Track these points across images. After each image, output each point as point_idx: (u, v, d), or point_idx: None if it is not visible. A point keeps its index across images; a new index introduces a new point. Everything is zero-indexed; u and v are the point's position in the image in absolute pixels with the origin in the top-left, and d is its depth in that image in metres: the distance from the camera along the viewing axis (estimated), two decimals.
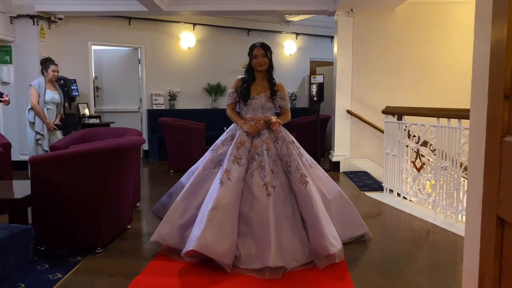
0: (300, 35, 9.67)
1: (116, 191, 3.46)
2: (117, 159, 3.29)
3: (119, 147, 3.22)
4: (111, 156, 3.20)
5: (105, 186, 3.27)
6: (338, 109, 6.75)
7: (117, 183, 3.44)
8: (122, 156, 3.34)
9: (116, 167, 3.34)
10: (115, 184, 3.41)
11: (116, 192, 3.46)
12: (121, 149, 3.25)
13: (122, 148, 3.26)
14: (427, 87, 6.64)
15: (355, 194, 5.32)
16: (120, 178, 3.47)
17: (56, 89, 5.58)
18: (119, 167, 3.37)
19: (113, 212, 3.48)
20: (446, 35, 6.64)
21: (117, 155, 3.26)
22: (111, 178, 3.31)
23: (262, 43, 3.41)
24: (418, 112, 4.61)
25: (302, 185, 3.05)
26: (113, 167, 3.28)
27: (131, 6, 6.68)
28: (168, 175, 6.68)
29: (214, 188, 2.99)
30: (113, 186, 3.39)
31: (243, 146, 3.19)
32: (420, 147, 4.59)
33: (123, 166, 3.43)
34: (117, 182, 3.44)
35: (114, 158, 3.25)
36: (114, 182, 3.37)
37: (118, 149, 3.22)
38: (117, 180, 3.42)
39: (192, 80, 8.60)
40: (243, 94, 3.35)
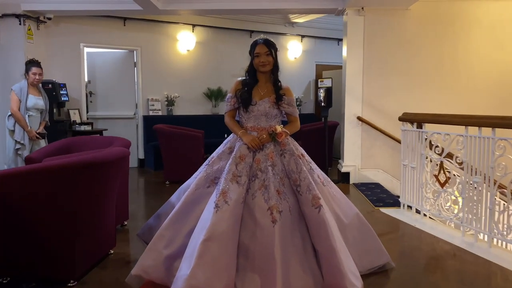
0: (306, 37, 9.17)
1: (94, 212, 2.95)
2: (95, 174, 2.78)
3: (95, 162, 2.71)
4: (87, 171, 2.69)
5: (80, 206, 2.76)
6: (347, 116, 6.23)
7: (95, 202, 2.93)
8: (100, 171, 2.83)
9: (94, 184, 2.83)
10: (93, 203, 2.90)
11: (94, 213, 2.95)
12: (98, 163, 2.74)
13: (99, 163, 2.75)
14: (445, 92, 6.11)
15: (369, 211, 4.79)
16: (99, 196, 2.96)
17: (41, 94, 5.09)
18: (97, 183, 2.86)
19: (91, 236, 2.97)
20: (465, 35, 6.13)
21: (94, 170, 2.75)
22: (87, 196, 2.81)
23: (265, 39, 2.90)
24: (442, 119, 4.08)
25: (315, 209, 2.53)
26: (89, 184, 2.77)
27: (125, 5, 6.21)
28: (163, 186, 6.18)
29: (208, 214, 2.47)
30: (90, 206, 2.88)
31: (243, 161, 2.67)
32: (444, 159, 4.06)
33: (102, 182, 2.92)
34: (96, 201, 2.93)
35: (91, 174, 2.74)
36: (91, 201, 2.87)
37: (94, 164, 2.71)
38: (95, 198, 2.91)
39: (191, 85, 8.10)
40: (243, 99, 2.83)
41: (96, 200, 2.93)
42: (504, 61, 6.11)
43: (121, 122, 7.72)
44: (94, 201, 2.91)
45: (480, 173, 3.59)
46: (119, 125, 7.64)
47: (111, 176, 3.02)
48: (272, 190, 2.57)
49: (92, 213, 2.93)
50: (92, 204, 2.89)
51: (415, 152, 4.43)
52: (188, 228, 2.61)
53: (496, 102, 5.89)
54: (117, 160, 2.92)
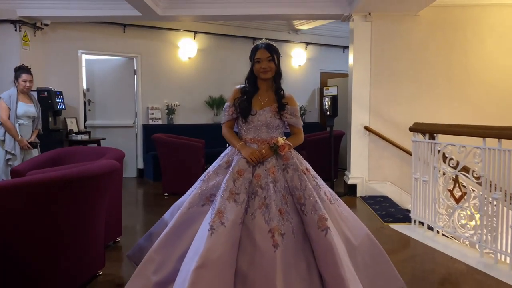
0: (310, 45, 8.95)
1: (79, 230, 2.69)
2: (79, 190, 2.53)
3: (79, 177, 2.46)
4: (70, 187, 2.45)
5: (63, 224, 2.52)
6: (354, 125, 5.97)
7: (80, 219, 2.68)
8: (85, 187, 2.59)
9: (78, 200, 2.58)
10: (78, 220, 2.65)
11: (79, 231, 2.70)
12: (82, 178, 2.49)
13: (84, 177, 2.50)
14: (456, 101, 5.84)
15: (378, 227, 4.51)
16: (85, 213, 2.71)
17: (32, 101, 4.87)
18: (82, 199, 2.61)
19: (76, 257, 2.71)
20: (477, 42, 5.87)
21: (78, 185, 2.50)
22: (71, 213, 2.56)
23: (267, 43, 2.66)
24: (458, 130, 3.80)
25: (321, 232, 2.26)
26: (73, 200, 2.53)
27: (123, 11, 6.00)
28: (162, 199, 5.92)
29: (202, 237, 2.21)
30: (75, 224, 2.63)
31: (242, 176, 2.41)
32: (460, 173, 3.78)
33: (88, 198, 2.67)
34: (81, 218, 2.68)
35: (75, 190, 2.50)
36: (76, 218, 2.62)
37: (78, 179, 2.46)
38: (80, 215, 2.66)
39: (192, 93, 7.87)
40: (242, 108, 2.58)
41: (81, 217, 2.68)
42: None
43: (120, 131, 7.49)
44: (79, 218, 2.66)
45: (500, 189, 3.31)
46: (118, 134, 7.41)
47: (98, 191, 2.77)
48: (274, 210, 2.31)
49: (77, 232, 2.68)
50: (76, 221, 2.64)
51: (427, 165, 4.16)
52: (180, 252, 2.35)
53: (511, 113, 5.60)
54: (104, 174, 2.67)
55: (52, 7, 6.07)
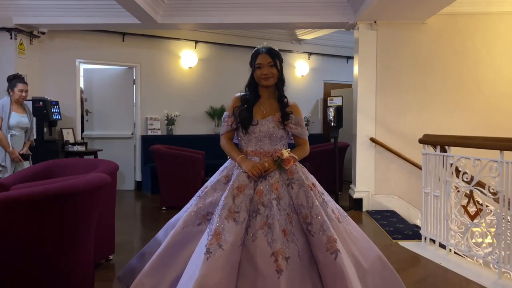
0: (313, 55, 8.79)
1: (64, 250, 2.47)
2: (63, 207, 2.32)
3: (62, 193, 2.25)
4: (52, 204, 2.23)
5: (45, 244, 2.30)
6: (359, 137, 5.75)
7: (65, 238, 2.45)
8: (71, 203, 2.37)
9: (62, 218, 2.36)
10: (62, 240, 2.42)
11: (64, 251, 2.47)
12: (66, 194, 2.28)
13: (68, 193, 2.29)
14: (466, 112, 5.63)
15: (387, 244, 4.27)
16: (71, 231, 2.48)
17: (26, 112, 4.68)
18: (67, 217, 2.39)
19: (61, 279, 2.48)
20: (487, 50, 5.67)
21: (62, 202, 2.29)
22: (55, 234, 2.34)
23: (268, 48, 2.47)
24: (472, 142, 3.58)
25: (331, 255, 2.03)
26: (57, 217, 2.31)
27: (122, 18, 5.84)
28: (159, 212, 5.70)
29: (197, 261, 1.99)
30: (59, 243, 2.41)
31: (242, 193, 2.20)
32: (474, 188, 3.55)
33: (73, 215, 2.45)
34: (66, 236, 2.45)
35: (58, 207, 2.28)
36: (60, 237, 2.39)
37: (61, 195, 2.24)
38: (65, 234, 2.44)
39: (193, 103, 7.68)
40: (242, 118, 2.38)
41: (66, 236, 2.45)
42: None
43: (118, 142, 7.29)
44: (64, 236, 2.43)
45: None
46: (116, 145, 7.21)
47: (85, 208, 2.55)
48: (277, 230, 2.09)
49: (62, 251, 2.45)
50: (61, 240, 2.42)
51: (438, 179, 3.93)
52: (173, 276, 2.13)
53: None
54: (91, 189, 2.46)
55: (49, 15, 5.92)
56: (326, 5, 5.65)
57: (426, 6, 5.11)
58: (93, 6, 5.81)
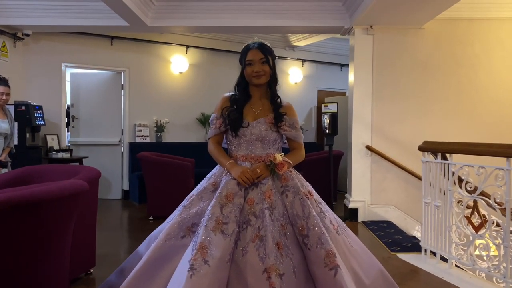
0: (307, 62, 8.64)
1: (35, 264, 2.22)
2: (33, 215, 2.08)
3: (31, 200, 2.01)
4: (19, 212, 2.00)
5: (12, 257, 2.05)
6: (355, 144, 5.56)
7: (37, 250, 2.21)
8: (43, 211, 2.13)
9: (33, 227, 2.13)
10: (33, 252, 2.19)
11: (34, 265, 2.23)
12: (37, 201, 2.04)
13: (38, 201, 2.05)
14: (465, 119, 5.47)
15: (385, 257, 4.05)
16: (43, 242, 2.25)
17: (7, 117, 4.43)
18: (38, 226, 2.16)
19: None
20: (486, 57, 5.53)
21: (32, 209, 2.05)
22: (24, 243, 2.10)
23: (260, 43, 2.27)
24: (476, 149, 3.39)
25: (330, 272, 1.82)
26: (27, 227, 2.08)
27: (110, 20, 5.63)
28: (146, 223, 5.44)
29: (179, 279, 1.76)
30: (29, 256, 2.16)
31: (231, 202, 1.97)
32: (478, 197, 3.36)
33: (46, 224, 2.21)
34: (38, 249, 2.22)
35: (28, 215, 2.05)
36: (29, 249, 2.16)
37: (30, 202, 2.01)
38: (36, 246, 2.20)
39: (183, 109, 7.46)
40: (232, 120, 2.17)
41: (38, 248, 2.21)
42: None
43: (105, 149, 7.04)
44: (35, 248, 2.20)
45: None
46: (103, 153, 6.96)
47: (60, 217, 2.31)
48: (270, 243, 1.87)
49: (32, 265, 2.21)
50: (32, 252, 2.18)
51: (439, 188, 3.74)
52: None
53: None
54: (66, 196, 2.22)
55: (33, 15, 5.69)
56: (321, 9, 5.49)
57: (424, 10, 4.97)
58: (80, 7, 5.60)
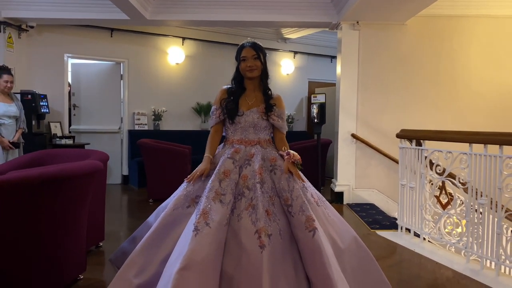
0: (298, 54, 9.00)
1: (58, 232, 2.60)
2: (58, 190, 2.46)
3: (59, 176, 2.39)
4: (48, 187, 2.37)
5: (41, 228, 2.43)
6: (341, 133, 5.97)
7: (60, 222, 2.59)
8: (65, 187, 2.51)
9: (59, 202, 2.50)
10: (57, 224, 2.57)
11: (58, 233, 2.61)
12: (63, 178, 2.42)
13: (65, 177, 2.43)
14: (443, 110, 5.90)
15: (365, 233, 4.49)
16: (66, 215, 2.62)
17: (13, 101, 4.80)
18: (63, 201, 2.54)
19: (54, 259, 2.62)
20: (463, 52, 5.95)
21: (57, 185, 2.43)
22: (50, 216, 2.48)
23: (252, 42, 2.64)
24: (445, 136, 3.82)
25: (309, 233, 2.21)
26: (51, 200, 2.45)
27: (112, 14, 5.95)
28: (146, 205, 5.82)
29: (186, 238, 2.14)
30: (54, 227, 2.54)
31: (228, 177, 2.36)
32: (446, 179, 3.79)
33: (69, 200, 2.59)
34: (61, 221, 2.60)
35: (53, 190, 2.42)
36: (55, 221, 2.53)
37: (56, 179, 2.38)
38: (60, 218, 2.58)
39: (179, 99, 7.82)
40: (229, 109, 2.54)
41: (61, 218, 2.59)
42: (504, 79, 5.92)
43: (105, 136, 7.39)
44: (59, 219, 2.58)
45: (486, 194, 3.31)
46: (103, 140, 7.31)
47: (79, 192, 2.69)
48: (261, 211, 2.26)
49: (56, 233, 2.59)
50: (56, 222, 2.56)
51: (414, 171, 4.16)
52: (163, 254, 2.28)
53: (496, 122, 5.66)
54: (85, 174, 2.60)
55: (38, 9, 6.00)
56: (311, 5, 5.86)
57: (406, 8, 5.34)
58: (83, 1, 5.91)
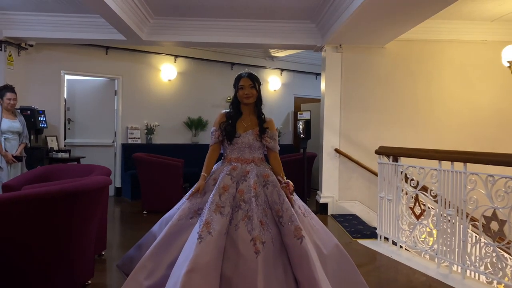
0: (285, 71, 9.43)
1: (73, 242, 2.90)
2: (76, 204, 2.76)
3: (77, 190, 2.70)
4: (68, 200, 2.68)
5: (59, 237, 2.73)
6: (325, 147, 6.37)
7: (75, 232, 2.89)
8: (81, 200, 2.82)
9: (75, 214, 2.81)
10: (72, 233, 2.86)
11: (73, 243, 2.91)
12: (80, 192, 2.73)
13: (81, 191, 2.74)
14: (419, 127, 6.35)
15: (347, 242, 4.86)
16: (79, 226, 2.92)
17: (17, 117, 5.09)
18: (78, 213, 2.84)
19: (69, 267, 2.91)
20: (437, 73, 6.43)
21: (76, 199, 2.74)
22: (67, 226, 2.77)
23: (249, 72, 3.00)
24: (417, 153, 4.23)
25: (297, 241, 2.57)
26: (70, 213, 2.75)
27: (109, 35, 6.28)
28: (141, 216, 6.11)
29: (191, 244, 2.48)
30: (69, 236, 2.84)
31: (227, 191, 2.71)
32: (419, 192, 4.19)
33: (83, 212, 2.89)
34: (76, 231, 2.89)
35: (72, 203, 2.73)
36: (71, 231, 2.83)
37: (76, 193, 2.69)
38: (75, 228, 2.88)
39: (171, 114, 8.16)
40: (227, 132, 2.90)
41: (76, 229, 2.89)
42: (475, 99, 6.41)
43: (99, 150, 7.66)
44: (75, 229, 2.88)
45: (454, 206, 3.72)
46: (97, 153, 7.58)
47: (92, 205, 3.00)
48: (256, 221, 2.61)
49: (71, 242, 2.89)
50: (72, 232, 2.85)
51: (391, 185, 4.56)
52: (169, 259, 2.60)
53: (467, 139, 6.12)
54: (99, 189, 2.92)
55: (38, 29, 6.29)
56: (297, 29, 6.29)
57: (385, 33, 5.80)
58: (81, 22, 6.22)
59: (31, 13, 6.07)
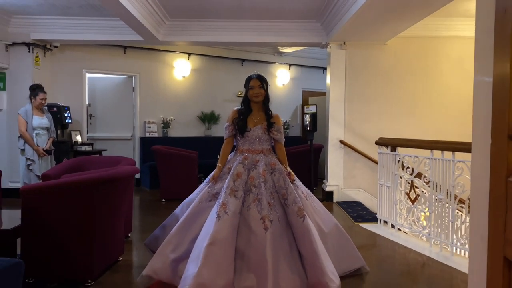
0: (293, 66, 9.82)
1: (108, 222, 3.39)
2: (111, 189, 3.24)
3: (113, 178, 3.18)
4: (105, 186, 3.16)
5: (98, 217, 3.21)
6: (331, 139, 6.78)
7: (110, 214, 3.38)
8: (115, 187, 3.30)
9: (110, 198, 3.29)
10: (108, 215, 3.35)
11: (108, 224, 3.40)
12: (115, 179, 3.21)
13: (116, 178, 3.22)
14: (418, 119, 6.73)
15: (350, 225, 5.29)
16: (113, 209, 3.41)
17: (45, 114, 5.59)
18: (112, 197, 3.32)
19: (105, 244, 3.40)
20: (436, 68, 6.78)
21: (111, 185, 3.22)
22: (104, 209, 3.26)
23: (258, 74, 3.44)
24: (412, 144, 4.64)
25: (300, 219, 3.02)
26: (106, 197, 3.23)
27: (127, 36, 6.73)
28: (159, 204, 6.60)
29: (211, 222, 2.95)
30: (106, 217, 3.33)
31: (240, 178, 3.16)
32: (414, 178, 4.60)
33: (116, 196, 3.38)
34: (110, 213, 3.38)
35: (108, 189, 3.21)
36: (107, 213, 3.32)
37: (112, 179, 3.17)
38: (110, 211, 3.36)
39: (186, 108, 8.63)
40: (239, 126, 3.35)
41: (111, 212, 3.37)
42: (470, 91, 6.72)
43: (119, 143, 8.18)
44: (110, 213, 3.36)
45: (444, 190, 4.13)
46: (117, 146, 8.08)
47: (124, 191, 3.48)
48: (264, 203, 3.06)
49: (107, 224, 3.37)
50: (107, 215, 3.34)
51: (389, 173, 4.97)
52: (192, 236, 3.07)
53: (464, 129, 6.44)
54: (129, 176, 3.39)
55: (62, 31, 6.77)
56: (304, 28, 6.68)
57: (386, 30, 6.16)
58: (101, 25, 6.69)
59: (56, 17, 6.56)
